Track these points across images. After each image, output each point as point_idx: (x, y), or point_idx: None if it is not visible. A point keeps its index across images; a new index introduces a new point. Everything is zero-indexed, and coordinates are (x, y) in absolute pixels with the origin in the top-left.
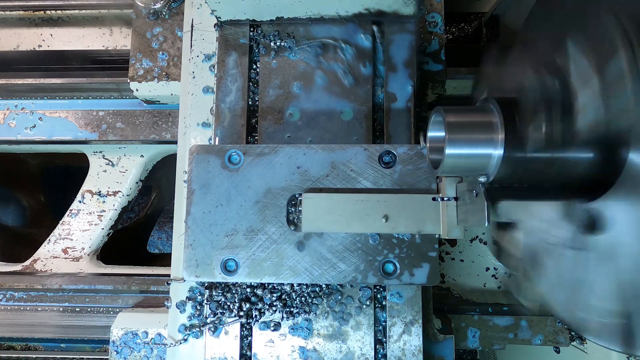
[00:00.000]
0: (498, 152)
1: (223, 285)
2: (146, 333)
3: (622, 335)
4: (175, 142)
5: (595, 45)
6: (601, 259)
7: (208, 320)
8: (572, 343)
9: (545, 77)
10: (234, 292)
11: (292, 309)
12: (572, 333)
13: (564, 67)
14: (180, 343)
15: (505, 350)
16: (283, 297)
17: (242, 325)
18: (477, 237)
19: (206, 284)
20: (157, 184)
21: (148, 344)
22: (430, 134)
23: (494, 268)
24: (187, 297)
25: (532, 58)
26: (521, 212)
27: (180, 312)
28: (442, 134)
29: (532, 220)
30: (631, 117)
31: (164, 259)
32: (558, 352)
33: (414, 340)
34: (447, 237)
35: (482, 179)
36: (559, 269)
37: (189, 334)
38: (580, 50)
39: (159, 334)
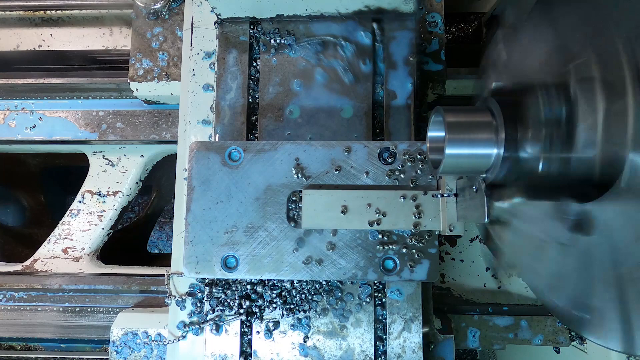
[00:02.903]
0: (498, 152)
1: (223, 282)
2: (146, 333)
3: (622, 335)
4: (175, 142)
5: (606, 76)
6: (587, 256)
7: (208, 318)
8: (572, 343)
9: (551, 93)
10: (234, 289)
11: (292, 306)
12: (572, 333)
13: (573, 88)
14: (179, 340)
15: (505, 350)
16: (283, 294)
17: (242, 322)
18: (477, 237)
19: (206, 281)
20: (157, 184)
21: (148, 343)
22: (430, 134)
23: (494, 268)
24: (187, 293)
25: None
26: (512, 211)
27: (180, 309)
28: (442, 134)
29: (522, 218)
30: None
31: (164, 259)
32: (558, 352)
33: (414, 337)
34: (447, 234)
35: (483, 177)
36: (545, 263)
37: (187, 331)
38: (590, 79)
39: (159, 334)
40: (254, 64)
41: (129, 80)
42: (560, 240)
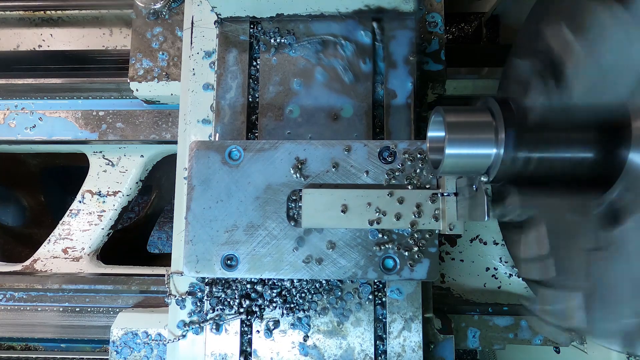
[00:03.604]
0: (498, 152)
1: (223, 281)
2: (146, 333)
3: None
4: (175, 142)
5: (570, 16)
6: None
7: (208, 317)
8: (572, 343)
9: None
10: (234, 288)
11: (292, 305)
12: (572, 333)
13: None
14: (179, 339)
15: (505, 350)
16: (283, 293)
17: (242, 321)
18: (477, 237)
19: (206, 280)
20: (157, 184)
21: (148, 343)
22: (430, 134)
23: (494, 268)
24: (187, 292)
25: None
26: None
27: (180, 308)
28: (442, 134)
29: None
30: (626, 73)
31: (164, 259)
32: (558, 352)
33: (414, 336)
34: (447, 233)
35: (483, 179)
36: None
37: (187, 330)
38: (556, 27)
39: (159, 334)
40: (254, 63)
41: (129, 80)
42: (592, 244)
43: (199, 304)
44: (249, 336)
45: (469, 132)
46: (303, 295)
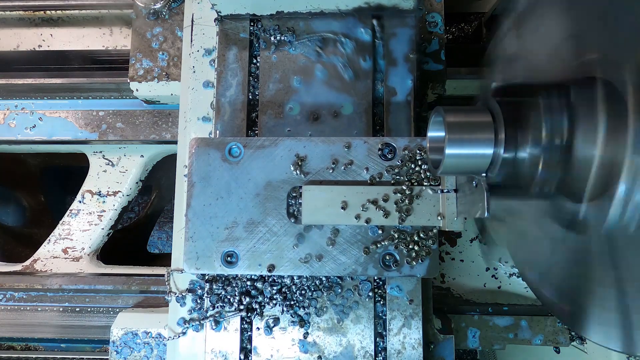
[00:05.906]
0: (498, 152)
1: (223, 278)
2: (146, 333)
3: (622, 335)
4: (175, 142)
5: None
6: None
7: (208, 314)
8: (572, 343)
9: (552, 94)
10: (234, 285)
11: (292, 302)
12: (572, 333)
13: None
14: (179, 336)
15: (505, 350)
16: (283, 290)
17: (242, 318)
18: (477, 237)
19: (207, 277)
20: (157, 184)
21: (148, 343)
22: (430, 134)
23: (494, 268)
24: (187, 290)
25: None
26: (508, 208)
27: (180, 305)
28: (442, 134)
29: (519, 214)
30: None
31: (164, 259)
32: (558, 352)
33: (414, 333)
34: (447, 230)
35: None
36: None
37: (187, 327)
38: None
39: (159, 334)
40: (254, 60)
41: (129, 80)
42: (553, 236)
43: (199, 302)
44: (249, 333)
45: (469, 132)
46: (303, 292)
